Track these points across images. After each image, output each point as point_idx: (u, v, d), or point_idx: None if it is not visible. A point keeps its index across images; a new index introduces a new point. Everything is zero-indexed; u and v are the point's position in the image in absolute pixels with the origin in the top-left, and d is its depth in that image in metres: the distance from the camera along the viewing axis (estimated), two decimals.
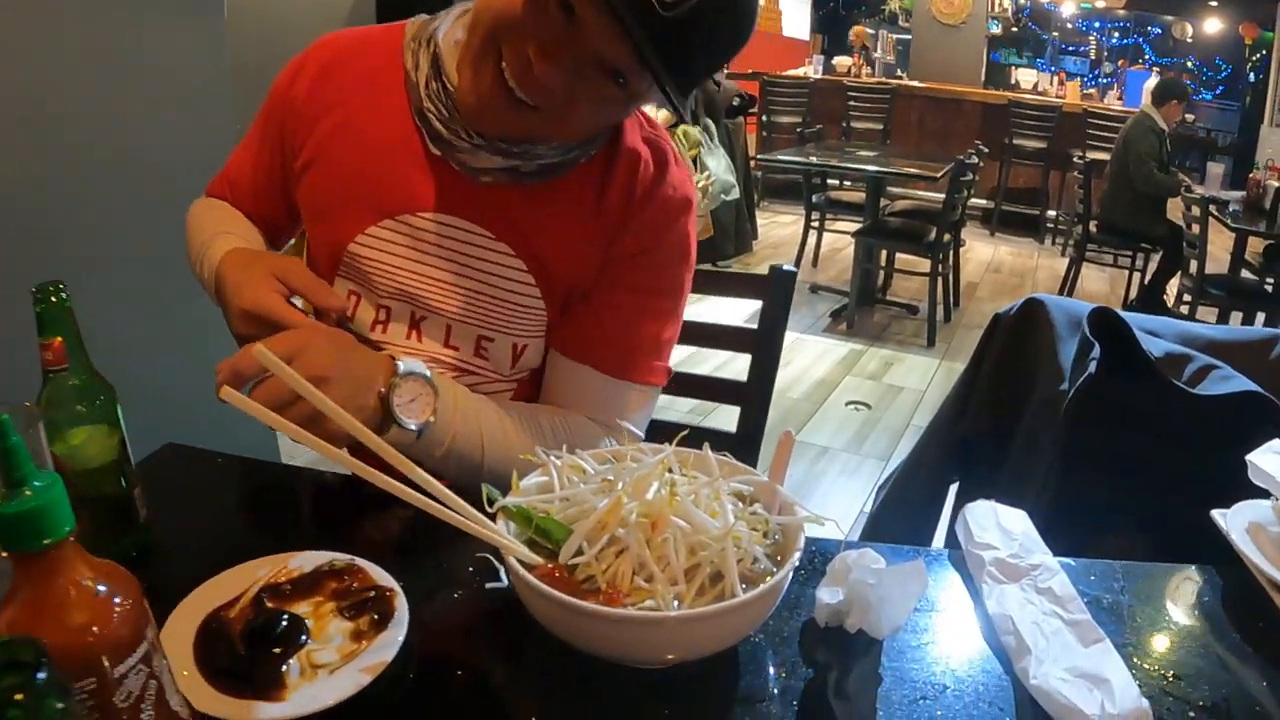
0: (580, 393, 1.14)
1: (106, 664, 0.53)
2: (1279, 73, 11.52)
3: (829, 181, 7.05)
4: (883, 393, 4.47)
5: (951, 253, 5.65)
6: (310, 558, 0.90)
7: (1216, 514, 1.06)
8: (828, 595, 0.84)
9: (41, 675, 0.31)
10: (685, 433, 0.91)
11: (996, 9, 11.06)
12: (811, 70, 10.28)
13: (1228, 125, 13.69)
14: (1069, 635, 0.83)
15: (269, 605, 0.84)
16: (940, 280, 5.36)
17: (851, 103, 8.82)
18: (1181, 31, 14.73)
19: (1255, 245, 5.41)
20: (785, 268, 1.53)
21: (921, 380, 4.62)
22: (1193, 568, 1.02)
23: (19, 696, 0.30)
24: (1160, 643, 0.89)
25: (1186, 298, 5.06)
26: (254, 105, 1.23)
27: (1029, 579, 0.91)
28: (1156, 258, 6.02)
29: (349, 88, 1.12)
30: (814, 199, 6.45)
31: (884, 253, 5.84)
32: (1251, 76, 13.59)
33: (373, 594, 0.85)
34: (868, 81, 9.48)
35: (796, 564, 0.77)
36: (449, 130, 1.03)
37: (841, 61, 10.59)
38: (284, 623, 0.80)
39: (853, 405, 4.28)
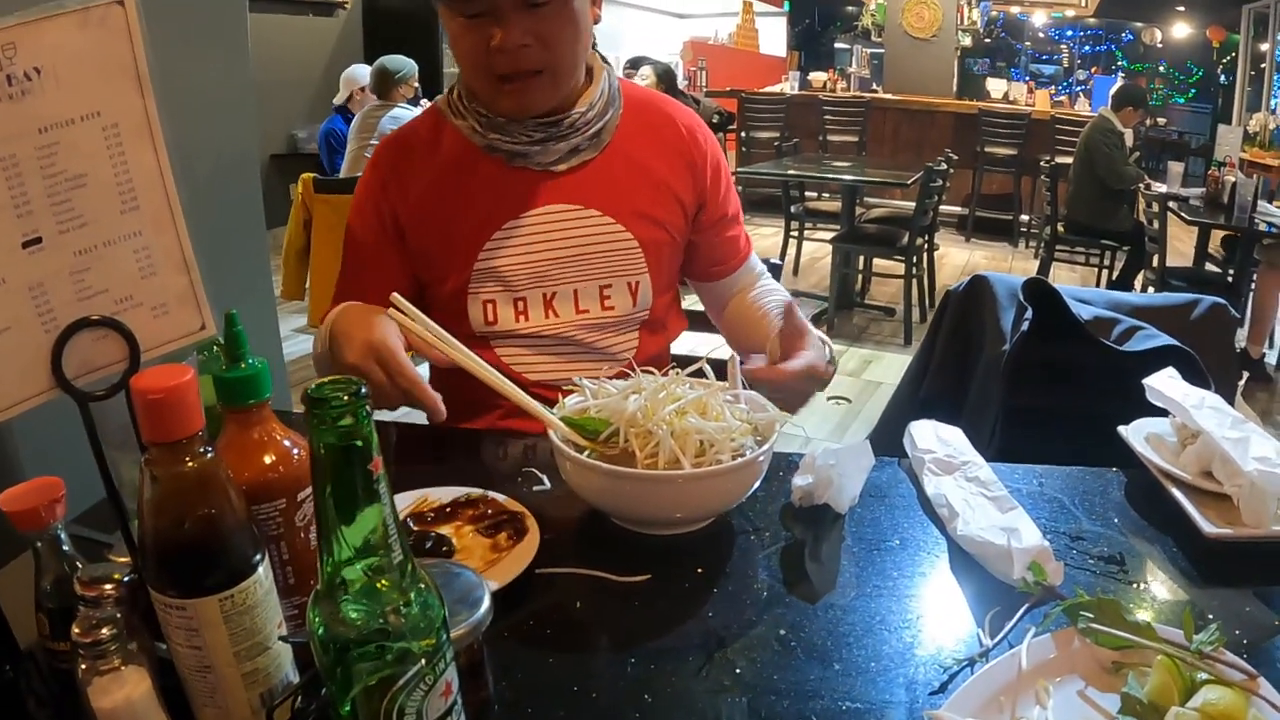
0: (750, 280, 1.59)
1: (288, 493, 0.75)
2: (1245, 74, 11.90)
3: (807, 193, 7.30)
4: (861, 388, 4.71)
5: (925, 255, 5.88)
6: (444, 492, 1.05)
7: (1122, 429, 1.29)
8: (800, 480, 1.08)
9: (363, 391, 0.53)
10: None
11: (966, 22, 11.36)
12: (788, 86, 10.56)
13: (1200, 128, 14.03)
14: (990, 507, 1.06)
15: (414, 528, 0.97)
16: (915, 282, 5.56)
17: (827, 116, 9.02)
18: (1151, 37, 15.14)
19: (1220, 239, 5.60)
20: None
21: (899, 376, 4.71)
22: (1101, 469, 1.24)
23: (347, 398, 0.53)
24: (1069, 516, 1.11)
25: (1150, 290, 5.23)
26: None
27: (961, 472, 1.14)
28: (1124, 254, 6.22)
29: (420, 163, 1.40)
30: (793, 210, 6.66)
31: (861, 258, 6.07)
32: (1223, 79, 13.93)
33: (506, 516, 1.01)
34: (843, 95, 9.75)
35: (774, 445, 1.00)
36: (516, 141, 1.34)
37: (817, 77, 10.89)
38: (430, 541, 0.94)
39: (834, 400, 4.51)
